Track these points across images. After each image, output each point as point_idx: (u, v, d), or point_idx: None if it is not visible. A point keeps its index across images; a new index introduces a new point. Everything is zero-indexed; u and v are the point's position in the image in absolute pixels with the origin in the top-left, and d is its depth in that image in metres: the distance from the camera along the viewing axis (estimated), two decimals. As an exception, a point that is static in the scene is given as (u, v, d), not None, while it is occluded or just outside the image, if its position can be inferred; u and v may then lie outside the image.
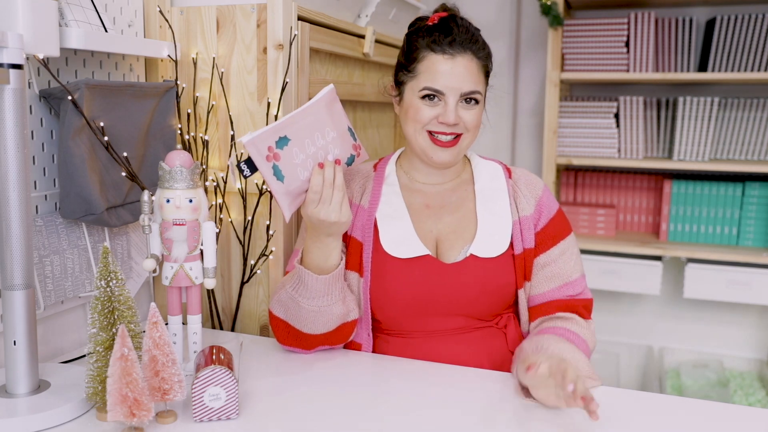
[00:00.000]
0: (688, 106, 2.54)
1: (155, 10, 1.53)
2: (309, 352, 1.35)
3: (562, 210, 1.43)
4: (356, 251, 1.34)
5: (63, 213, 1.30)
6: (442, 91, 1.29)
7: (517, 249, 1.35)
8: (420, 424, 1.09)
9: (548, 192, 1.41)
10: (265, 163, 1.14)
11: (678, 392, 2.56)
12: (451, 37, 1.29)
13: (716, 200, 2.58)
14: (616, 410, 1.16)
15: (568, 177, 2.82)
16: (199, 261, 1.24)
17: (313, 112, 1.18)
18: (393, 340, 1.37)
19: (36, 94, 1.28)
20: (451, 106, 1.29)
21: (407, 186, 1.41)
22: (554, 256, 1.36)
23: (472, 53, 1.30)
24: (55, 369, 1.22)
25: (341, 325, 1.30)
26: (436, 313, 1.33)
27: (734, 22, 2.46)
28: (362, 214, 1.37)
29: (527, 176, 1.42)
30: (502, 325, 1.37)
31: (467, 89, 1.29)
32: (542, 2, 2.46)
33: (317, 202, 1.18)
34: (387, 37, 1.98)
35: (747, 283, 2.45)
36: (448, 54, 1.29)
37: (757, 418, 1.14)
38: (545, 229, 1.37)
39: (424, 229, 1.36)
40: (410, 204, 1.38)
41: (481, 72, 1.32)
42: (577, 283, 1.37)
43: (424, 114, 1.30)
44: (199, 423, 1.06)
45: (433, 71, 1.30)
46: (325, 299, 1.25)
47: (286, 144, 1.15)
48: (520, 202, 1.38)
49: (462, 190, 1.40)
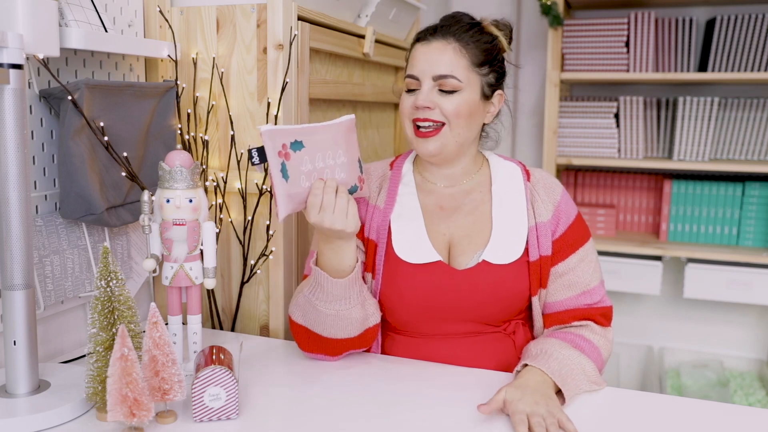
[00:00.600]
0: (688, 106, 2.53)
1: (155, 10, 1.53)
2: (335, 358, 1.33)
3: (581, 215, 1.39)
4: (371, 252, 1.33)
5: (63, 213, 1.30)
6: (416, 75, 1.29)
7: (532, 256, 1.31)
8: (423, 424, 1.09)
9: (567, 196, 1.37)
10: (275, 156, 1.15)
11: (678, 392, 2.56)
12: (434, 27, 1.30)
13: (716, 200, 2.58)
14: (616, 410, 1.16)
15: (568, 177, 2.82)
16: (199, 261, 1.24)
17: (333, 131, 1.19)
18: (399, 338, 1.36)
19: (36, 94, 1.28)
20: (424, 90, 1.27)
21: (422, 186, 1.39)
22: (573, 264, 1.32)
23: (454, 38, 1.27)
24: (55, 369, 1.22)
25: (365, 331, 1.29)
26: (445, 318, 1.32)
27: (734, 22, 2.46)
28: (377, 214, 1.35)
29: (546, 179, 1.38)
30: (510, 331, 1.34)
31: (439, 72, 1.26)
32: (542, 2, 2.46)
33: (318, 208, 1.17)
34: (387, 37, 1.98)
35: (747, 283, 2.45)
36: (426, 41, 1.29)
37: (757, 418, 1.14)
38: (564, 236, 1.33)
39: (437, 232, 1.34)
40: (424, 205, 1.36)
41: (463, 57, 1.27)
42: (596, 291, 1.33)
43: (405, 104, 1.30)
44: (199, 423, 1.06)
45: (412, 59, 1.31)
46: (342, 303, 1.24)
47: (299, 149, 1.16)
48: (537, 207, 1.34)
49: (478, 192, 1.37)
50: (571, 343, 1.26)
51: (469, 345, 1.33)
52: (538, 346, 1.25)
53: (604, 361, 1.30)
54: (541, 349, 1.23)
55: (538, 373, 1.16)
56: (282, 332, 1.54)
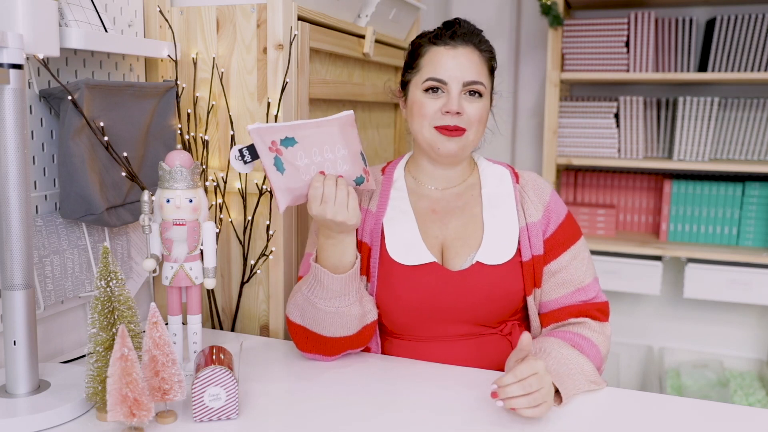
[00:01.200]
0: (688, 106, 2.54)
1: (155, 10, 1.53)
2: (331, 359, 1.33)
3: (571, 213, 1.41)
4: (365, 255, 1.34)
5: (63, 213, 1.30)
6: (445, 80, 1.29)
7: (525, 256, 1.33)
8: (422, 423, 1.09)
9: (556, 196, 1.40)
10: (267, 152, 1.15)
11: (678, 392, 2.56)
12: (452, 31, 1.31)
13: (716, 200, 2.58)
14: (616, 410, 1.16)
15: (568, 177, 2.82)
16: (199, 261, 1.24)
17: (326, 126, 1.19)
18: (397, 342, 1.36)
19: (36, 94, 1.28)
20: (454, 95, 1.28)
21: (414, 190, 1.40)
22: (565, 262, 1.34)
23: (474, 46, 1.31)
24: (55, 369, 1.22)
25: (362, 328, 1.29)
26: (441, 320, 1.32)
27: (734, 22, 2.46)
28: (370, 218, 1.36)
29: (535, 181, 1.40)
30: (506, 332, 1.35)
31: (470, 78, 1.29)
32: (542, 2, 2.46)
33: (320, 200, 1.17)
34: (387, 37, 1.98)
35: (747, 283, 2.45)
36: (450, 45, 1.30)
37: (757, 418, 1.14)
38: (554, 235, 1.35)
39: (430, 235, 1.35)
40: (417, 209, 1.37)
41: (484, 66, 1.32)
42: (590, 287, 1.35)
43: (429, 107, 1.30)
44: (199, 423, 1.06)
45: (435, 62, 1.30)
46: (342, 300, 1.24)
47: (291, 145, 1.17)
48: (527, 207, 1.36)
49: (468, 195, 1.39)
50: (569, 341, 1.26)
51: (466, 347, 1.33)
52: (536, 345, 1.25)
53: (603, 358, 1.30)
54: (539, 347, 1.24)
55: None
56: (282, 332, 1.54)
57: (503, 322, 1.35)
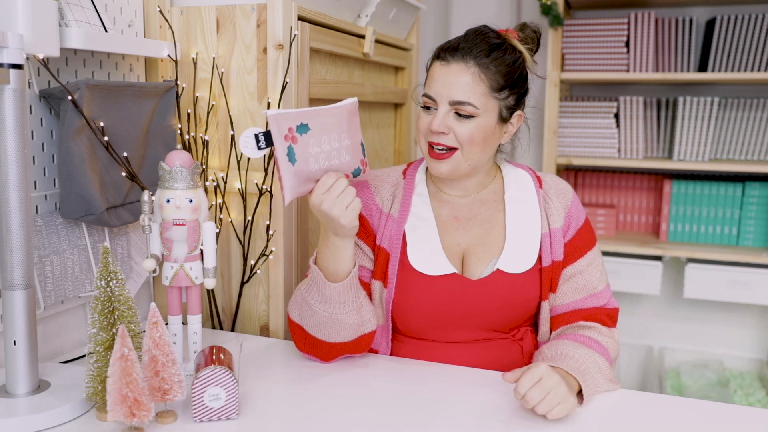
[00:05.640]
0: (688, 106, 2.54)
1: (155, 10, 1.53)
2: (326, 362, 1.32)
3: (589, 219, 1.40)
4: (383, 261, 1.33)
5: (63, 213, 1.30)
6: (433, 97, 1.26)
7: (545, 262, 1.32)
8: (426, 425, 1.09)
9: (577, 201, 1.38)
10: (282, 141, 1.14)
11: (678, 392, 2.56)
12: (455, 44, 1.26)
13: (716, 200, 2.58)
14: (616, 410, 1.16)
15: (568, 177, 2.82)
16: (199, 261, 1.24)
17: (337, 114, 1.19)
18: (408, 341, 1.36)
19: (36, 94, 1.28)
20: (441, 113, 1.25)
21: (436, 196, 1.38)
22: (581, 267, 1.33)
23: (474, 62, 1.24)
24: (55, 369, 1.22)
25: (359, 337, 1.28)
26: (456, 326, 1.32)
27: (734, 22, 2.46)
28: (391, 223, 1.34)
29: (557, 184, 1.38)
30: (518, 338, 1.35)
31: (456, 98, 1.23)
32: (542, 2, 2.46)
33: (326, 188, 1.16)
34: (387, 37, 1.98)
35: (747, 283, 2.45)
36: (444, 60, 1.26)
37: (757, 418, 1.14)
38: (573, 240, 1.34)
39: (452, 243, 1.33)
40: (438, 215, 1.35)
41: (482, 83, 1.24)
42: (603, 294, 1.34)
43: (422, 123, 1.29)
44: (199, 423, 1.06)
45: (430, 78, 1.29)
46: (337, 307, 1.24)
47: (305, 132, 1.16)
48: (551, 213, 1.34)
49: (492, 202, 1.37)
50: (582, 343, 1.26)
51: (476, 351, 1.33)
52: (552, 349, 1.25)
53: (612, 362, 1.30)
54: (556, 351, 1.24)
55: (561, 373, 1.14)
56: (282, 332, 1.54)
57: (516, 327, 1.36)
